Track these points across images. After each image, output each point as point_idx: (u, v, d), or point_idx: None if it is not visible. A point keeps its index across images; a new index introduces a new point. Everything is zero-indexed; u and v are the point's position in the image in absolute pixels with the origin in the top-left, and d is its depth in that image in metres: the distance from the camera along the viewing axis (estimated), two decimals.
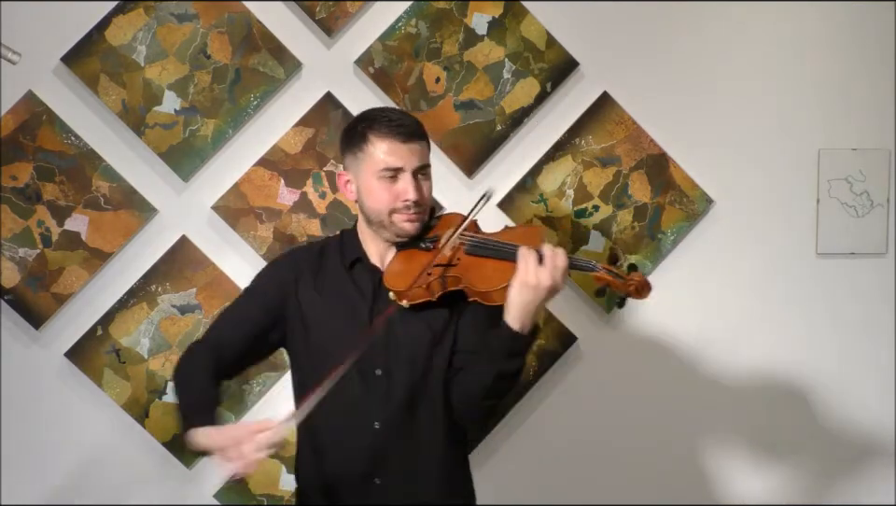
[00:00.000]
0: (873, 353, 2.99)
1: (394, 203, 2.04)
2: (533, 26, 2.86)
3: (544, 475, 2.93)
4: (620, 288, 1.96)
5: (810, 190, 2.97)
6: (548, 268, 1.91)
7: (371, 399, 2.06)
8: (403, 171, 2.04)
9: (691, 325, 2.94)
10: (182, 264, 2.81)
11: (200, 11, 2.79)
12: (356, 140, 2.08)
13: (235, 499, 2.82)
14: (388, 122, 2.05)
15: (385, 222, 2.06)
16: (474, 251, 2.03)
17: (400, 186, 2.04)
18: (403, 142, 2.04)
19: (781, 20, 2.94)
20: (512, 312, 1.94)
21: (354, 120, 2.15)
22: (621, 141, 2.90)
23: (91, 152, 2.79)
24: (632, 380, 2.93)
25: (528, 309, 1.93)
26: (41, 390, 2.81)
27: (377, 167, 2.04)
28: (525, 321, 1.94)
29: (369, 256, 2.13)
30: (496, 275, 1.96)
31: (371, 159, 2.05)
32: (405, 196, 2.04)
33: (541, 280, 1.91)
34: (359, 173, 2.08)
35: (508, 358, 1.97)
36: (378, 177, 2.05)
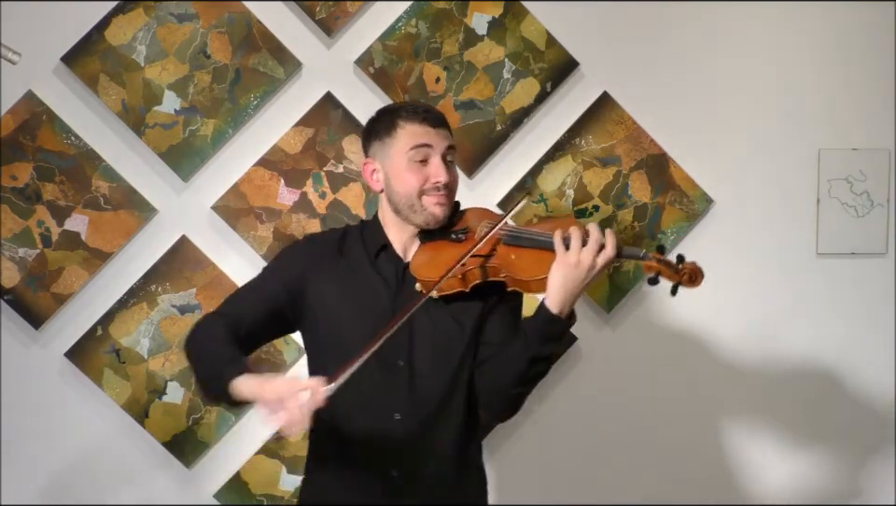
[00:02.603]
0: (873, 353, 2.99)
1: (424, 184, 2.05)
2: (533, 26, 2.86)
3: (544, 475, 2.93)
4: (672, 277, 1.97)
5: (810, 190, 2.97)
6: (590, 248, 1.92)
7: (391, 390, 2.04)
8: (433, 152, 2.05)
9: (690, 325, 2.94)
10: (182, 264, 2.81)
11: (200, 11, 2.79)
12: (384, 127, 2.09)
13: (235, 499, 2.82)
14: (416, 109, 2.08)
15: (416, 206, 2.05)
16: (513, 242, 2.03)
17: (430, 168, 2.05)
18: (432, 126, 2.07)
19: (781, 20, 2.94)
20: (552, 294, 1.94)
21: (378, 112, 2.15)
22: (621, 141, 2.90)
23: (90, 152, 2.79)
24: (632, 380, 2.93)
25: (567, 290, 1.93)
26: (41, 390, 2.81)
27: (407, 147, 2.05)
28: (564, 304, 1.94)
29: (393, 245, 2.12)
30: (537, 265, 1.97)
31: (401, 141, 2.06)
32: (435, 178, 2.04)
33: (582, 260, 1.92)
34: (387, 158, 2.08)
35: (543, 341, 1.97)
36: (408, 159, 2.05)
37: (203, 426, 2.81)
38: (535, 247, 2.00)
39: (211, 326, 2.06)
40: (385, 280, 2.08)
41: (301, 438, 1.89)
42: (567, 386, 2.91)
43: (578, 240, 1.93)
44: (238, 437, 2.83)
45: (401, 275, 2.08)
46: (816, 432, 2.98)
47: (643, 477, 2.94)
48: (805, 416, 2.98)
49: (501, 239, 2.04)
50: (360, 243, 2.13)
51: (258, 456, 2.82)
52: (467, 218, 2.12)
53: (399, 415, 2.04)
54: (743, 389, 2.96)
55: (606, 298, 2.90)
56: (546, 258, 1.96)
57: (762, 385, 2.96)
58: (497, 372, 2.03)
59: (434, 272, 2.01)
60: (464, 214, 2.14)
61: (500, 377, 2.02)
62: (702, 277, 1.98)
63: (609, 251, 1.94)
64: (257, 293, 2.11)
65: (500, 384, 2.03)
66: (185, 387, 2.80)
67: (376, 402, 2.04)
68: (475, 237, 2.05)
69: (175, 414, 2.80)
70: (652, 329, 2.93)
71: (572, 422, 2.92)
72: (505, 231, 2.05)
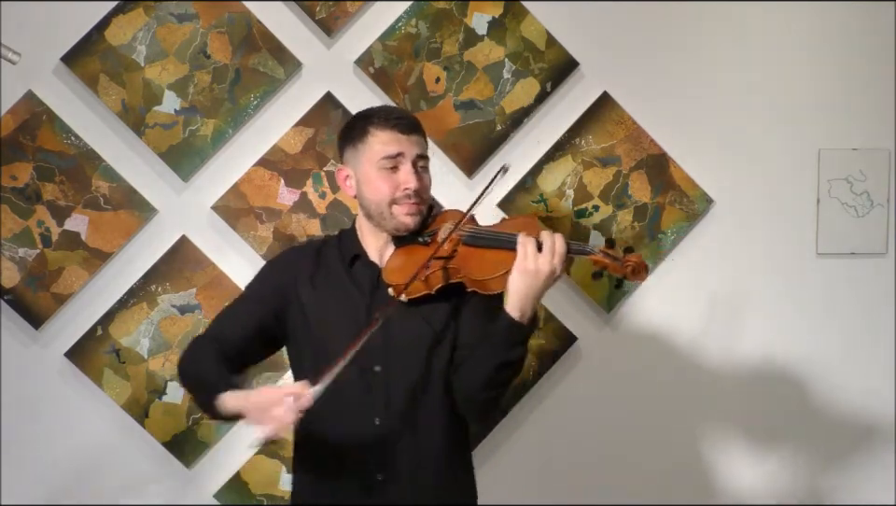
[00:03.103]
0: (873, 353, 2.99)
1: (394, 193, 2.05)
2: (533, 26, 2.86)
3: (544, 475, 2.93)
4: (617, 270, 1.98)
5: (810, 190, 2.97)
6: (547, 254, 1.93)
7: (371, 395, 2.06)
8: (403, 159, 2.06)
9: (691, 325, 2.94)
10: (182, 264, 2.81)
11: (200, 11, 2.80)
12: (356, 133, 2.10)
13: (235, 499, 2.82)
14: (388, 115, 2.09)
15: (386, 214, 2.07)
16: (472, 242, 2.05)
17: (401, 175, 2.06)
18: (403, 133, 2.07)
19: (781, 19, 2.94)
20: (512, 300, 1.95)
21: (352, 118, 2.18)
22: (621, 141, 2.90)
23: (90, 152, 2.79)
24: (632, 380, 2.93)
25: (528, 296, 1.94)
26: (41, 390, 2.81)
27: (378, 156, 2.06)
28: (526, 309, 1.95)
29: (368, 253, 2.14)
30: (493, 264, 1.98)
31: (372, 149, 2.07)
32: (406, 185, 2.05)
33: (540, 266, 1.93)
34: (359, 165, 2.09)
35: (508, 347, 1.98)
36: (378, 167, 2.06)
37: (202, 426, 2.81)
38: (495, 247, 2.02)
39: (200, 349, 2.11)
40: (360, 287, 2.10)
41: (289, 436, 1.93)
42: (566, 386, 2.91)
43: (533, 246, 1.94)
44: (238, 437, 2.83)
45: (376, 282, 2.09)
46: (816, 432, 2.98)
47: (643, 477, 2.94)
48: (805, 416, 2.98)
49: (462, 239, 2.05)
50: (337, 251, 2.15)
51: (258, 456, 2.82)
52: (438, 222, 2.13)
53: (379, 421, 2.05)
54: (743, 389, 2.96)
55: (606, 298, 2.90)
56: (504, 257, 1.97)
57: (761, 385, 2.96)
58: (467, 376, 2.04)
59: (403, 276, 2.03)
60: (438, 216, 2.15)
61: (470, 382, 2.04)
62: (646, 272, 1.99)
63: (560, 250, 1.94)
64: (241, 313, 2.15)
65: (471, 389, 2.04)
66: None
67: (356, 408, 2.06)
68: (437, 239, 2.07)
69: (175, 414, 2.80)
70: (652, 329, 2.93)
71: (572, 422, 2.92)
72: (465, 232, 2.06)
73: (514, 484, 2.90)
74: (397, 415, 2.05)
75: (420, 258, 2.03)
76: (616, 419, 2.93)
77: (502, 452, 2.90)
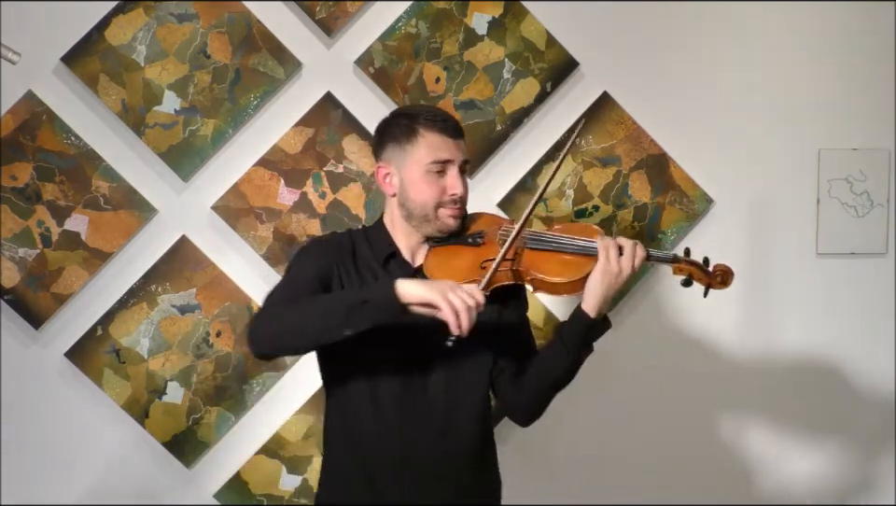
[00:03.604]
0: (873, 353, 2.99)
1: (441, 197, 2.06)
2: (533, 26, 2.86)
3: (544, 475, 2.93)
4: (703, 279, 2.11)
5: (810, 190, 2.97)
6: (628, 256, 2.02)
7: (409, 393, 2.05)
8: (451, 165, 2.06)
9: (691, 325, 2.94)
10: (182, 264, 2.81)
11: (200, 11, 2.79)
12: (402, 132, 2.08)
13: (235, 499, 2.82)
14: (436, 117, 2.08)
15: (430, 216, 2.06)
16: (537, 245, 2.09)
17: (448, 180, 2.06)
18: (451, 137, 2.07)
19: (781, 20, 2.94)
20: (591, 300, 2.03)
21: (395, 115, 2.15)
22: (621, 141, 2.90)
23: (90, 152, 2.79)
24: (632, 380, 2.93)
25: (608, 297, 2.03)
26: (41, 390, 2.80)
27: (427, 160, 2.05)
28: (603, 308, 2.04)
29: (401, 251, 2.12)
30: (566, 269, 2.05)
31: (421, 152, 2.05)
32: (452, 190, 2.06)
33: (623, 268, 2.02)
34: (404, 165, 2.07)
35: (583, 346, 2.07)
36: (426, 171, 2.05)
37: (202, 426, 2.81)
38: (562, 252, 2.07)
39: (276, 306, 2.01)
40: None
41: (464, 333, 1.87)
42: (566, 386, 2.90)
43: (615, 249, 2.02)
44: (238, 437, 2.83)
45: None
46: (816, 432, 2.98)
47: (643, 477, 2.94)
48: (805, 416, 2.98)
49: (525, 243, 2.09)
50: (368, 248, 2.13)
51: (258, 456, 2.82)
52: (477, 223, 2.15)
53: (415, 418, 2.05)
54: (743, 389, 2.96)
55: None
56: (573, 261, 2.05)
57: (761, 385, 2.96)
58: (529, 379, 2.09)
59: (452, 275, 2.02)
60: (471, 218, 2.16)
61: (532, 384, 2.09)
62: (732, 278, 2.11)
63: (641, 253, 2.04)
64: (295, 289, 2.05)
65: (532, 390, 2.10)
66: (185, 387, 2.80)
67: (393, 405, 2.05)
68: (495, 241, 2.08)
69: (175, 414, 2.80)
70: (652, 329, 2.93)
71: (572, 422, 2.92)
72: (528, 236, 2.10)
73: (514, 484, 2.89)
74: (434, 415, 2.05)
75: (469, 258, 2.06)
76: (616, 419, 2.93)
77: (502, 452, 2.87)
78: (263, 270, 2.82)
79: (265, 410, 2.83)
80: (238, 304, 2.81)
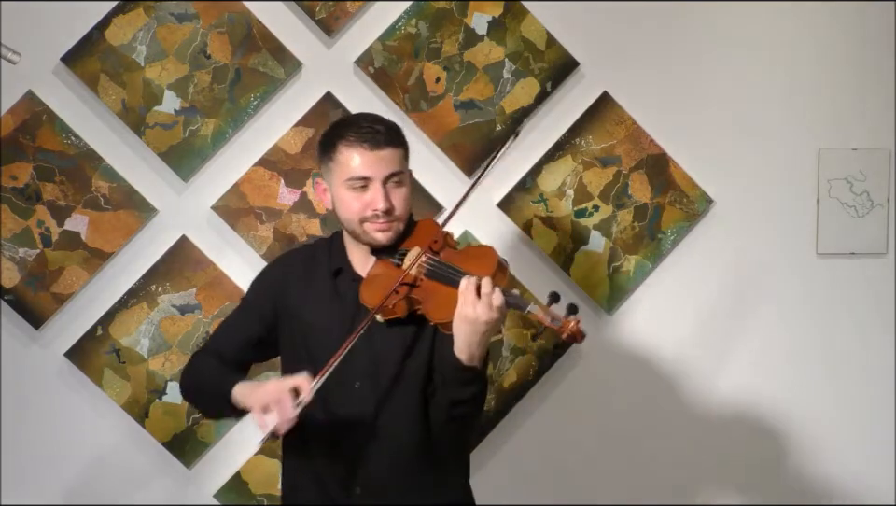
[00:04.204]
0: (872, 353, 2.99)
1: (363, 212, 2.02)
2: (533, 26, 2.86)
3: (544, 475, 2.93)
4: (555, 331, 1.88)
5: (810, 190, 2.97)
6: (484, 303, 1.87)
7: (351, 410, 2.06)
8: (372, 180, 2.02)
9: (691, 325, 2.94)
10: (182, 264, 2.81)
11: (200, 11, 2.79)
12: (327, 149, 2.07)
13: (235, 499, 2.82)
14: (357, 130, 2.03)
15: (358, 231, 2.05)
16: (432, 276, 1.99)
17: (369, 195, 2.01)
18: (371, 150, 2.01)
19: (781, 20, 2.94)
20: (458, 343, 1.91)
21: (327, 128, 2.13)
22: (621, 141, 2.90)
23: (90, 152, 2.79)
24: (632, 380, 2.93)
25: (472, 342, 1.89)
26: (41, 390, 2.81)
27: (344, 176, 2.02)
28: (473, 352, 1.91)
29: (352, 263, 2.12)
30: (450, 304, 1.91)
31: (340, 168, 2.03)
32: (374, 206, 2.01)
33: (479, 314, 1.87)
34: (331, 182, 2.07)
35: (459, 386, 1.96)
36: (347, 187, 2.03)
37: (203, 426, 2.81)
38: (446, 284, 1.94)
39: (201, 361, 2.18)
40: (344, 300, 2.09)
41: None
42: (567, 386, 2.91)
43: (473, 293, 1.87)
44: (238, 437, 2.83)
45: (356, 295, 2.07)
46: (815, 432, 2.98)
47: (643, 477, 2.94)
48: (805, 416, 2.98)
49: (425, 270, 2.00)
50: (327, 261, 2.14)
51: (258, 456, 2.82)
52: (414, 234, 2.08)
53: (359, 436, 2.06)
54: (742, 389, 2.96)
55: (606, 298, 2.90)
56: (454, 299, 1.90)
57: (761, 385, 2.96)
58: (431, 410, 2.05)
59: (371, 296, 2.01)
60: (416, 226, 2.10)
61: (434, 415, 2.05)
62: (582, 338, 1.87)
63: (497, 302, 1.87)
64: (237, 325, 2.20)
65: (436, 421, 2.05)
66: None
67: (338, 421, 2.06)
68: (404, 264, 2.02)
69: (175, 414, 2.80)
70: (652, 329, 2.93)
71: (572, 422, 2.92)
72: (428, 263, 2.00)
73: (514, 484, 2.90)
74: (375, 431, 2.05)
75: (390, 280, 2.00)
76: (616, 419, 2.93)
77: (502, 452, 2.90)
78: None
79: None
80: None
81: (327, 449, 2.08)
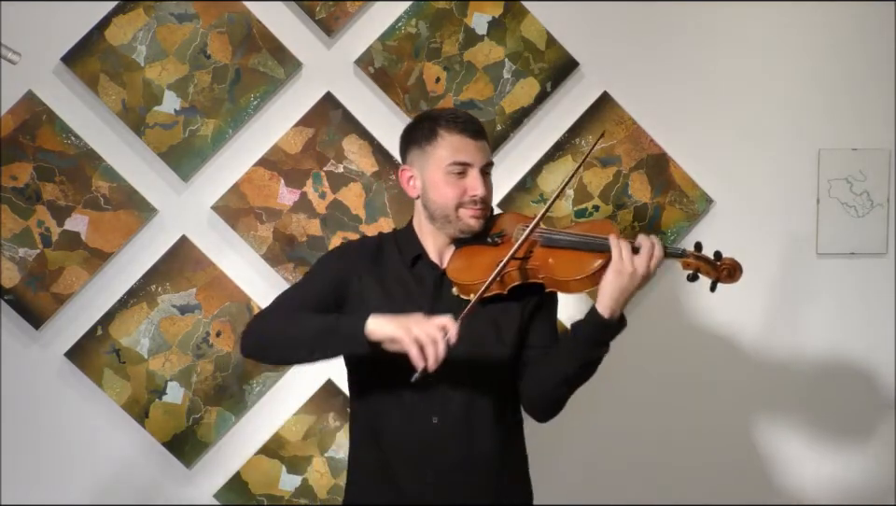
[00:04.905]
0: (873, 353, 2.99)
1: (461, 197, 2.07)
2: (533, 26, 2.86)
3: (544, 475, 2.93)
4: (711, 273, 2.04)
5: (810, 190, 2.97)
6: (644, 256, 1.97)
7: (428, 394, 2.05)
8: (472, 167, 2.07)
9: (691, 325, 2.94)
10: (182, 264, 2.81)
11: (200, 11, 2.80)
12: (423, 134, 2.10)
13: (235, 499, 2.82)
14: (456, 119, 2.09)
15: (452, 217, 2.08)
16: (550, 243, 2.07)
17: (468, 181, 2.07)
18: (472, 138, 2.08)
19: (781, 20, 2.94)
20: (604, 299, 1.97)
21: (419, 117, 2.18)
22: (621, 141, 2.90)
23: (91, 152, 2.79)
24: (632, 380, 2.93)
25: (621, 297, 1.97)
26: (41, 390, 2.81)
27: (446, 161, 2.07)
28: (616, 309, 1.98)
29: (428, 253, 2.14)
30: (575, 266, 2.01)
31: (441, 153, 2.08)
32: (473, 191, 2.07)
33: (638, 268, 1.96)
34: (426, 167, 2.10)
35: (595, 346, 2.01)
36: (446, 172, 2.07)
37: (203, 426, 2.81)
38: (575, 249, 2.04)
39: (273, 312, 2.09)
40: (423, 287, 2.10)
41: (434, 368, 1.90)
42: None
43: (629, 248, 1.97)
44: (238, 437, 2.83)
45: (438, 281, 2.10)
46: (816, 432, 2.98)
47: (644, 477, 2.94)
48: (805, 416, 2.98)
49: (538, 241, 2.08)
50: (396, 251, 2.15)
51: (258, 457, 2.82)
52: (500, 222, 2.15)
53: (436, 419, 2.06)
54: (743, 389, 2.96)
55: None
56: (585, 259, 2.01)
57: (761, 385, 2.96)
58: (543, 375, 2.06)
59: (471, 275, 2.05)
60: (496, 218, 2.17)
61: (547, 380, 2.06)
62: (740, 273, 2.06)
63: (658, 253, 1.98)
64: (304, 293, 2.12)
65: (546, 387, 2.07)
66: (185, 387, 2.80)
67: (413, 407, 2.06)
68: (512, 240, 2.08)
69: (175, 414, 2.80)
70: (652, 329, 2.93)
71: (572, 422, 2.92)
72: (541, 234, 2.08)
73: None
74: (453, 415, 2.06)
75: (489, 258, 2.05)
76: (615, 419, 2.93)
77: None
78: (263, 270, 2.82)
79: (265, 410, 2.84)
80: (238, 304, 2.81)
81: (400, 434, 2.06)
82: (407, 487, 2.06)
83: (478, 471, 2.07)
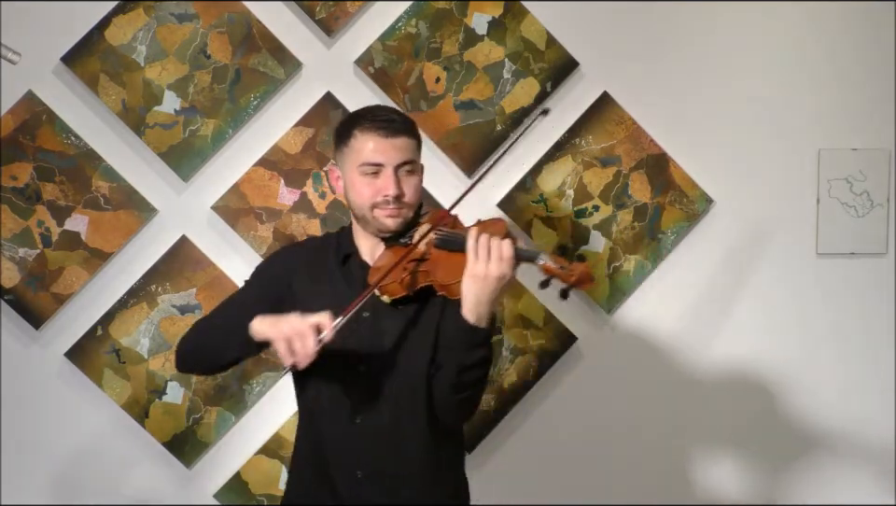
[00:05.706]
0: (872, 353, 2.99)
1: (374, 197, 2.07)
2: (533, 26, 2.86)
3: (544, 475, 2.93)
4: (563, 278, 1.94)
5: (810, 190, 2.97)
6: (494, 259, 1.93)
7: (353, 394, 2.08)
8: (384, 167, 2.07)
9: (691, 325, 2.94)
10: (182, 264, 2.81)
11: (200, 11, 2.80)
12: (343, 136, 2.12)
13: (235, 499, 2.82)
14: (373, 118, 2.09)
15: (368, 217, 2.09)
16: (442, 245, 2.05)
17: (381, 181, 2.06)
18: (386, 137, 2.07)
19: (781, 20, 2.94)
20: (466, 304, 1.96)
21: (345, 117, 2.20)
22: (621, 141, 2.90)
23: (90, 152, 2.79)
24: (632, 380, 2.93)
25: (480, 301, 1.95)
26: (41, 390, 2.81)
27: (358, 161, 2.08)
28: (481, 313, 1.95)
29: (360, 252, 2.16)
30: (457, 269, 1.97)
31: (354, 153, 2.09)
32: (385, 191, 2.06)
33: (490, 271, 1.93)
34: (344, 167, 2.12)
35: (467, 350, 1.98)
36: (360, 172, 2.07)
37: (202, 426, 2.81)
38: (458, 251, 2.00)
39: (204, 321, 2.20)
40: (352, 285, 2.12)
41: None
42: (567, 386, 2.91)
43: (485, 250, 1.93)
44: (238, 437, 2.84)
45: (364, 281, 2.11)
46: (815, 432, 2.98)
47: (643, 477, 2.94)
48: (805, 416, 2.98)
49: (434, 242, 2.06)
50: (334, 249, 2.19)
51: (258, 457, 2.82)
52: (425, 222, 2.13)
53: (360, 419, 2.08)
54: (743, 389, 2.96)
55: (606, 298, 2.90)
56: (462, 261, 1.96)
57: (761, 385, 2.96)
58: (437, 380, 2.06)
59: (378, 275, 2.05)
60: (426, 216, 2.15)
61: (439, 386, 2.05)
62: (590, 281, 1.94)
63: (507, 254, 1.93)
64: (239, 305, 2.17)
65: (441, 392, 2.06)
66: (185, 387, 2.80)
67: (341, 405, 2.09)
68: (414, 239, 2.08)
69: (175, 414, 2.81)
70: (652, 329, 2.93)
71: (572, 422, 2.92)
72: (436, 234, 2.06)
73: (514, 484, 2.90)
74: (377, 416, 2.07)
75: (397, 259, 2.05)
76: (616, 419, 2.93)
77: (502, 452, 2.90)
78: None
79: (265, 410, 2.84)
80: None
81: (327, 433, 2.10)
82: (341, 485, 2.09)
83: (406, 471, 2.08)
